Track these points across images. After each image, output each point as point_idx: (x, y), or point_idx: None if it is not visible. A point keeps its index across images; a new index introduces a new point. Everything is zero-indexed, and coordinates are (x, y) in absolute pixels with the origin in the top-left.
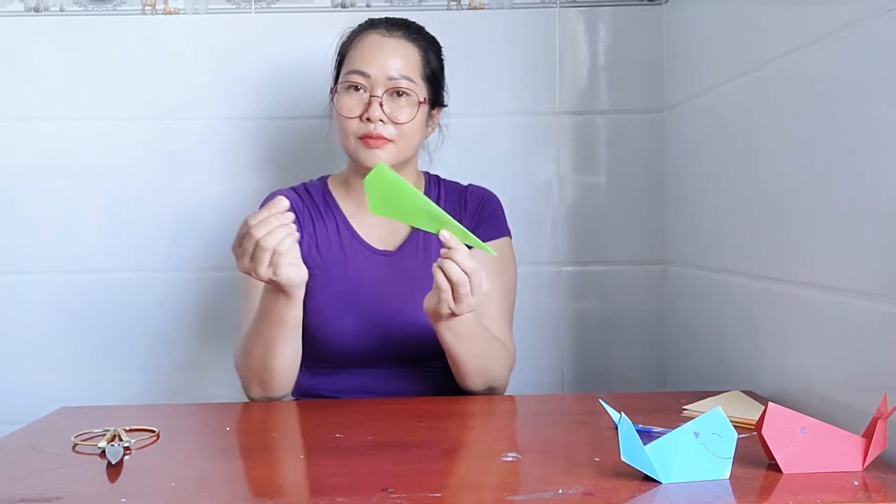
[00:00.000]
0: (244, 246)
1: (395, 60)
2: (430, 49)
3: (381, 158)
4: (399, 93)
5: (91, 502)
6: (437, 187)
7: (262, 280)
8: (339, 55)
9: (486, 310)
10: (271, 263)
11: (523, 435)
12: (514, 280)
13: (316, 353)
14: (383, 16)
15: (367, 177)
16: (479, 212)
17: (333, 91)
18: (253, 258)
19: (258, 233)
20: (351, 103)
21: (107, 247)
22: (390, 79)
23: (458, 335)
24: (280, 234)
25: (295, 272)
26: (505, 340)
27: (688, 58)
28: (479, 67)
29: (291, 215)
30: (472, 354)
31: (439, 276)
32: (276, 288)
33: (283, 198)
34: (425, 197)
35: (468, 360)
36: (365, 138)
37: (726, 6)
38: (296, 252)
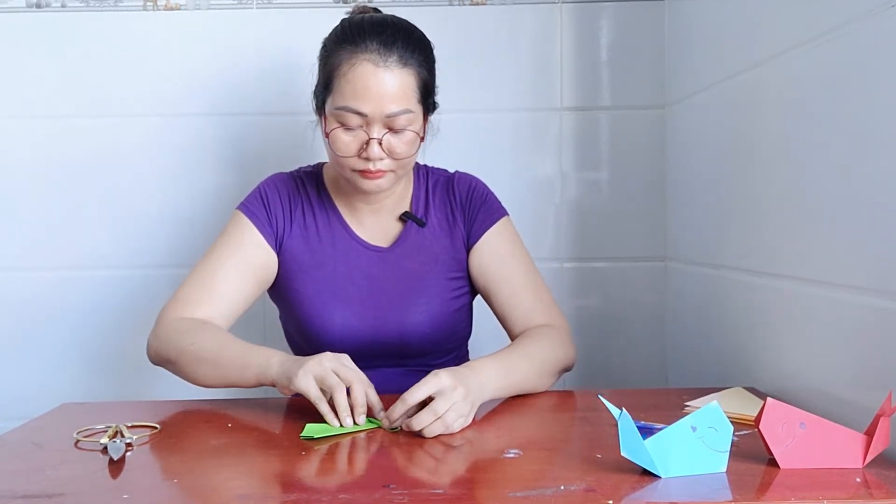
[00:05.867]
0: (335, 377)
1: (392, 94)
2: (423, 64)
3: (380, 187)
4: (398, 129)
5: (93, 498)
6: (425, 180)
7: (309, 384)
8: (325, 75)
9: (519, 301)
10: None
11: (525, 431)
12: (528, 255)
13: (307, 349)
14: (381, 15)
15: (301, 435)
16: (471, 201)
17: (321, 115)
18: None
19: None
20: (347, 139)
21: (109, 243)
22: (388, 116)
23: (503, 392)
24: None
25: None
26: (545, 320)
27: (689, 54)
28: (481, 63)
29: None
30: (528, 382)
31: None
32: (286, 386)
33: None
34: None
35: (530, 388)
36: (364, 172)
37: (728, 2)
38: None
